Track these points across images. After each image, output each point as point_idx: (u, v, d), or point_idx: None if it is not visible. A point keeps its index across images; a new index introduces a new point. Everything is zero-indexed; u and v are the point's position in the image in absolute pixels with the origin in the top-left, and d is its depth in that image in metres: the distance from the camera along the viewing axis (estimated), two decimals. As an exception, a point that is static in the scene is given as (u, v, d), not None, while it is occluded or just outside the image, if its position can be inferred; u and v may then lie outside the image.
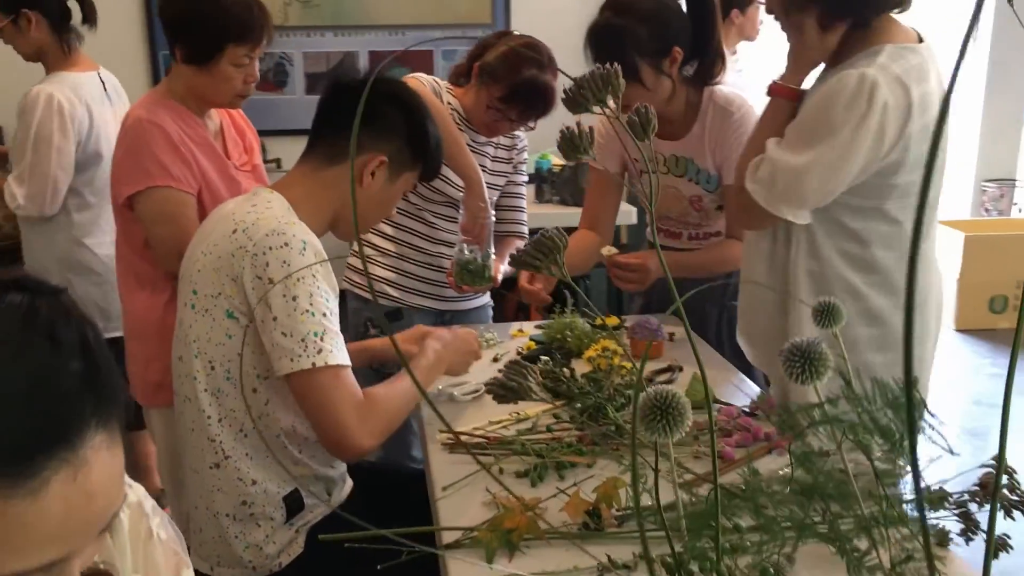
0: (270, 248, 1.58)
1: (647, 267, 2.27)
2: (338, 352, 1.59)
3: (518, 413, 1.82)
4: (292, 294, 1.56)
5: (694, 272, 2.34)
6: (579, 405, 1.78)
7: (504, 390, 1.37)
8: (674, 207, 2.38)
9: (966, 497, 1.11)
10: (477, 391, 1.96)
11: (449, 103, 2.43)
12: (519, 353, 2.18)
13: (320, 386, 1.58)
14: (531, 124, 2.43)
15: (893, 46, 1.65)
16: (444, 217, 2.49)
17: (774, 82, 1.81)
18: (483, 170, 2.41)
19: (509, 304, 5.26)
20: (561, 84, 2.36)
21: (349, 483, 1.93)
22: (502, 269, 2.40)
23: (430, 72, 5.54)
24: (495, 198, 2.54)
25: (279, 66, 5.56)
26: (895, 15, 1.72)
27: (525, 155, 2.65)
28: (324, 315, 1.58)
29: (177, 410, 1.75)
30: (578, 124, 0.89)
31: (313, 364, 1.56)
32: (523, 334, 2.34)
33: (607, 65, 0.91)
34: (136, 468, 2.98)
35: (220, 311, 1.63)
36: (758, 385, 2.05)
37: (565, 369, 1.91)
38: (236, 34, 2.04)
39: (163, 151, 2.04)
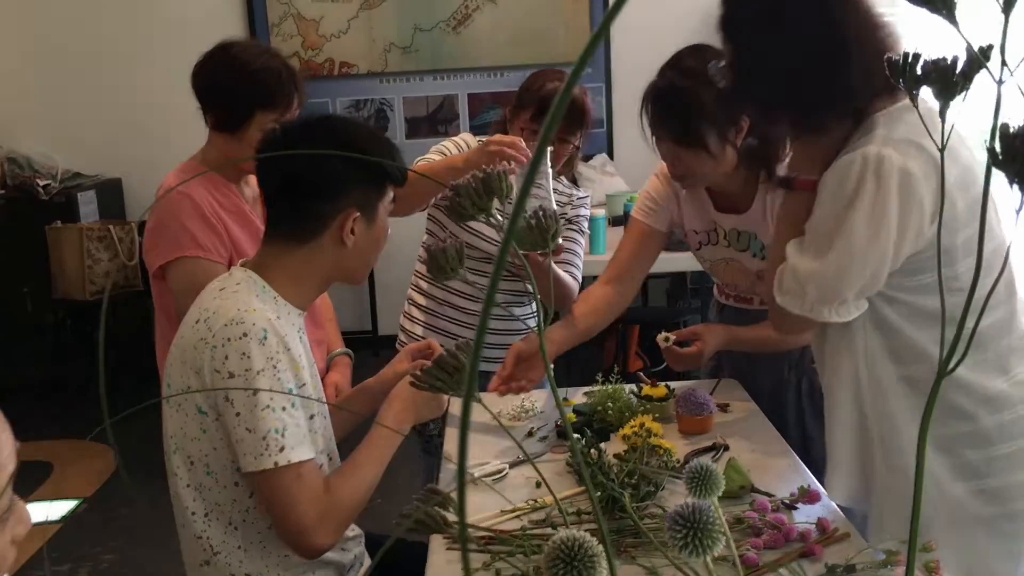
0: (228, 340, 1.51)
1: (702, 355, 2.12)
2: (299, 448, 1.52)
3: (535, 501, 1.69)
4: (253, 389, 1.50)
5: (756, 349, 2.16)
6: (599, 493, 1.64)
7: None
8: (741, 280, 2.21)
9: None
10: (500, 472, 1.84)
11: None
12: (558, 426, 2.05)
13: (281, 486, 1.51)
14: (575, 142, 2.31)
15: (887, 112, 1.47)
16: (483, 273, 2.38)
17: (794, 176, 1.63)
18: None
19: (607, 351, 5.11)
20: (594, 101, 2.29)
21: (366, 562, 1.85)
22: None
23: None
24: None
25: (380, 112, 5.61)
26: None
27: (584, 211, 2.50)
28: (284, 408, 1.51)
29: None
30: (447, 244, 0.78)
31: (275, 464, 1.49)
32: (568, 403, 2.21)
33: (492, 174, 0.79)
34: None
35: (191, 405, 1.58)
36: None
37: (593, 450, 1.77)
38: (264, 100, 2.01)
39: (193, 221, 2.03)
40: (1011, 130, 0.47)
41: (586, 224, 2.52)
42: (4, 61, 5.46)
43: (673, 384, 2.17)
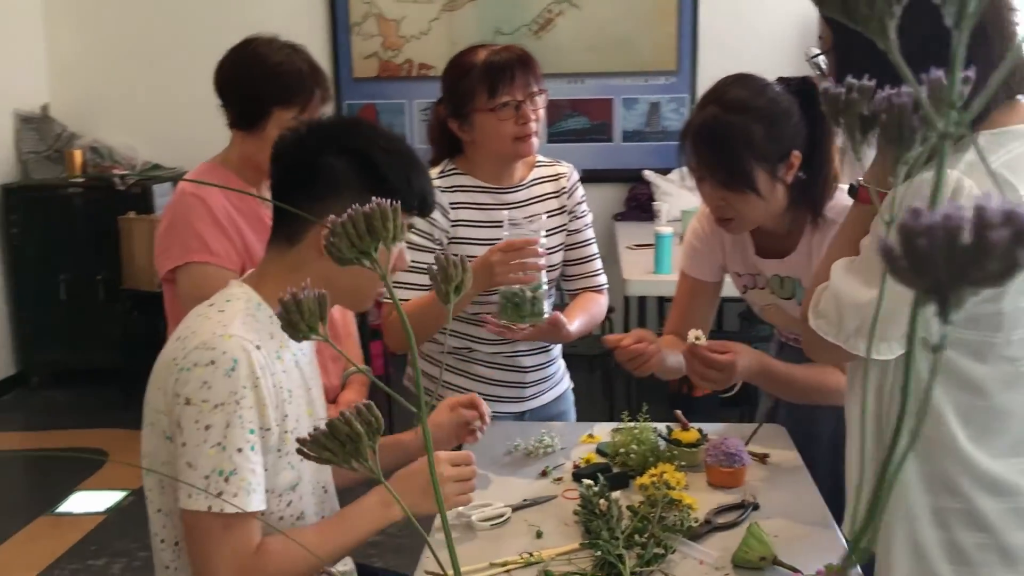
0: (195, 364, 1.38)
1: (734, 367, 1.84)
2: (243, 497, 1.36)
3: (530, 555, 1.53)
4: (206, 423, 1.36)
5: (796, 395, 1.95)
6: (598, 553, 1.47)
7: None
8: (791, 326, 2.00)
9: None
10: (502, 517, 1.68)
11: (461, 186, 2.13)
12: (576, 467, 1.89)
13: (206, 533, 1.37)
14: (536, 89, 2.08)
15: (992, 132, 1.25)
16: (488, 293, 2.19)
17: (862, 184, 1.43)
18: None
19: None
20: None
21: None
22: (565, 321, 2.05)
23: (609, 120, 5.36)
24: (555, 250, 2.16)
25: (456, 115, 5.49)
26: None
27: (580, 193, 2.26)
28: (239, 450, 1.36)
29: None
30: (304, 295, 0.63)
31: (209, 508, 1.35)
32: (592, 440, 2.04)
33: (389, 202, 0.64)
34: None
35: (160, 428, 1.46)
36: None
37: (603, 500, 1.60)
38: (281, 97, 1.91)
39: (204, 225, 1.93)
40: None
41: (586, 204, 2.28)
42: (94, 52, 5.54)
43: (708, 428, 1.98)
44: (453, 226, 2.09)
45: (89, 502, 3.91)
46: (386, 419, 2.49)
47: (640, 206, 5.22)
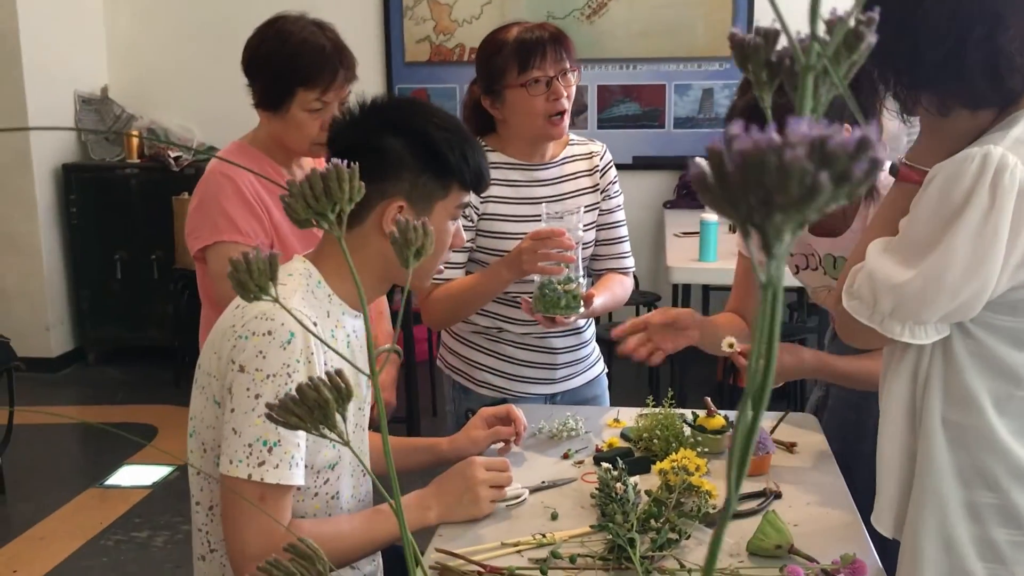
0: (252, 333, 1.40)
1: (778, 368, 1.84)
2: (284, 469, 1.37)
3: (543, 536, 1.52)
4: (256, 392, 1.37)
5: (862, 385, 1.89)
6: (610, 536, 1.45)
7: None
8: None
9: None
10: (519, 498, 1.67)
11: (492, 163, 2.02)
12: (598, 450, 1.87)
13: (241, 501, 1.38)
14: (568, 66, 2.04)
15: None
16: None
17: (904, 162, 1.38)
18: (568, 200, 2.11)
19: (719, 365, 4.81)
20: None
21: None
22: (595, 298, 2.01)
23: (661, 106, 5.29)
24: (585, 228, 2.07)
25: (507, 100, 5.47)
26: None
27: (612, 173, 2.23)
28: None
29: None
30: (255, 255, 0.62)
31: (249, 476, 1.36)
32: (618, 425, 2.02)
33: (346, 163, 0.63)
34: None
35: (210, 392, 1.48)
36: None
37: (619, 484, 1.58)
38: (304, 78, 1.90)
39: (233, 204, 1.95)
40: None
41: (618, 185, 2.25)
42: (153, 34, 5.64)
43: (734, 414, 1.94)
44: (483, 202, 2.08)
45: (137, 476, 3.99)
46: (429, 403, 2.52)
47: (691, 194, 5.16)
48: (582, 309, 1.96)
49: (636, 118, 5.36)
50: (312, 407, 0.74)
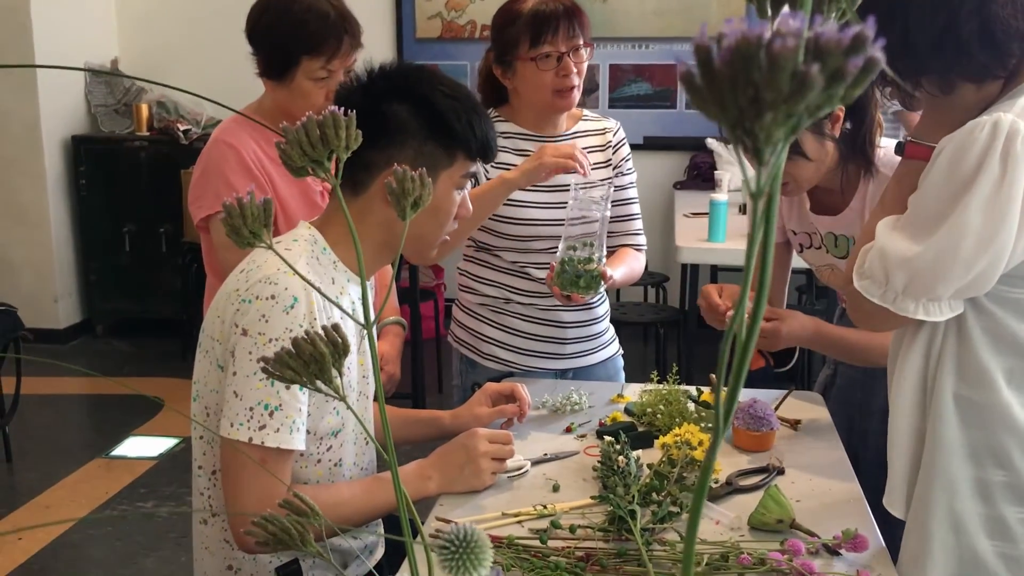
0: (256, 297, 1.39)
1: (778, 333, 1.82)
2: (284, 434, 1.37)
3: (543, 507, 1.51)
4: (259, 355, 1.36)
5: (853, 358, 1.88)
6: (610, 508, 1.45)
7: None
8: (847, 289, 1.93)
9: None
10: (520, 469, 1.67)
11: (502, 133, 2.09)
12: (601, 424, 1.86)
13: (242, 464, 1.38)
14: (581, 42, 2.02)
15: None
16: (547, 267, 2.17)
17: (911, 140, 1.35)
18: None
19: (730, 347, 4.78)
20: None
21: (379, 552, 1.72)
22: (611, 274, 2.00)
23: (673, 86, 5.25)
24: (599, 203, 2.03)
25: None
26: None
27: (626, 150, 2.22)
28: (288, 387, 1.37)
29: None
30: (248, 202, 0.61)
31: (249, 439, 1.35)
32: (622, 400, 2.01)
33: (343, 110, 0.62)
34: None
35: (214, 356, 1.48)
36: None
37: (621, 457, 1.57)
38: (309, 46, 1.89)
39: (235, 173, 1.94)
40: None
41: (631, 162, 2.24)
42: (163, 8, 5.62)
43: (743, 392, 1.92)
44: (493, 168, 2.08)
45: (143, 447, 4.00)
46: (435, 381, 2.52)
47: (702, 175, 5.12)
48: (603, 291, 1.96)
49: (648, 98, 5.32)
50: (308, 361, 0.73)
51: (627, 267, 2.16)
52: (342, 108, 0.63)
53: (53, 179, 5.24)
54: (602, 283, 1.95)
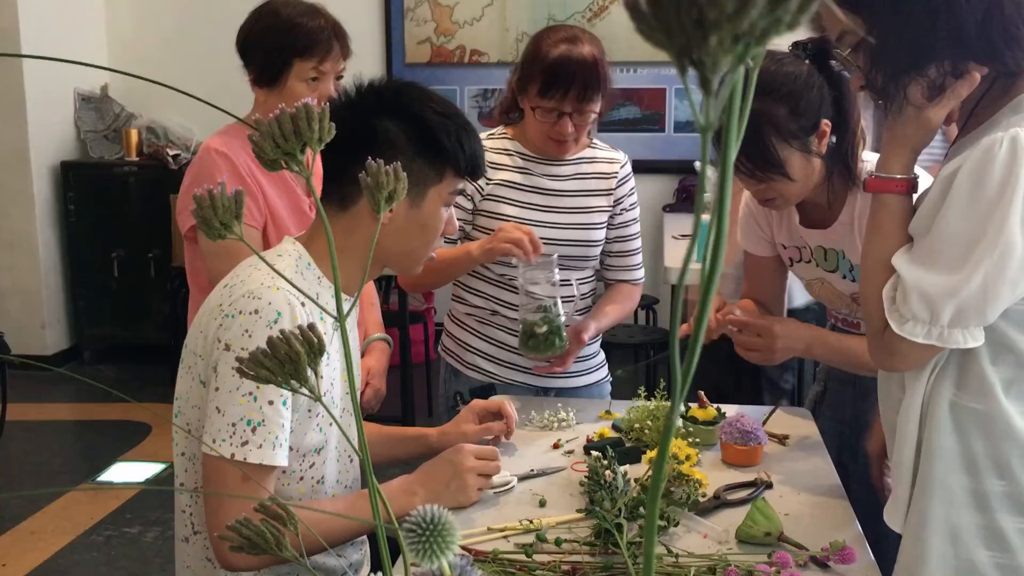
0: (240, 312, 1.38)
1: (773, 331, 1.76)
2: (267, 450, 1.36)
3: (530, 521, 1.50)
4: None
5: (852, 365, 1.85)
6: (597, 522, 1.43)
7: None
8: (837, 303, 1.92)
9: None
10: (507, 484, 1.65)
11: (505, 149, 2.13)
12: (588, 440, 1.85)
13: (223, 481, 1.36)
14: (594, 109, 2.03)
15: None
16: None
17: (875, 176, 1.34)
18: (559, 199, 2.12)
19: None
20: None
21: (365, 570, 1.70)
22: (593, 327, 2.06)
23: (662, 109, 5.28)
24: (563, 283, 2.04)
25: (507, 102, 5.47)
26: None
27: (630, 185, 2.23)
28: (271, 403, 1.36)
29: None
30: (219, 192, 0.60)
31: (232, 456, 1.34)
32: (609, 417, 2.00)
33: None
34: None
35: (196, 371, 1.47)
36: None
37: (608, 471, 1.56)
38: (300, 47, 1.94)
39: (228, 183, 1.93)
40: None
41: (635, 197, 2.25)
42: (153, 34, 5.64)
43: (727, 408, 1.92)
44: (489, 183, 2.10)
45: (129, 472, 3.97)
46: (424, 399, 2.51)
47: (690, 198, 5.14)
48: (566, 344, 1.97)
49: (636, 122, 5.35)
50: (283, 360, 0.72)
51: (619, 307, 2.21)
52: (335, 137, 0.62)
53: (41, 205, 5.23)
54: (563, 334, 1.97)
